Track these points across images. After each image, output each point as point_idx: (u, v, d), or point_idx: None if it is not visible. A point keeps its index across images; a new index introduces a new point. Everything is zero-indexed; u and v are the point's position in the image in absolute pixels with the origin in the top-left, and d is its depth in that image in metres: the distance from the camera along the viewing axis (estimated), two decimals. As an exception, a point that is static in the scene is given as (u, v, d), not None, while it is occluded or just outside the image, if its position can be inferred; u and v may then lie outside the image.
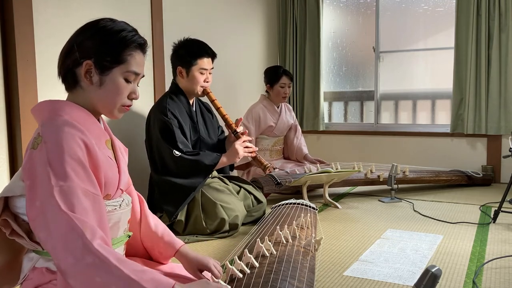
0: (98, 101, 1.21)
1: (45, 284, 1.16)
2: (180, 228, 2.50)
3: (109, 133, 1.30)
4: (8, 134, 2.15)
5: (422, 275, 1.26)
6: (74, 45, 1.19)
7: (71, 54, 1.19)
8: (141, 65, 1.24)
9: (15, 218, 1.17)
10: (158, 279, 1.00)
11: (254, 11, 4.31)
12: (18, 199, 1.16)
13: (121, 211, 1.27)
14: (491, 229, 2.53)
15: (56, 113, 1.16)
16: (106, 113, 1.24)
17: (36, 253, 1.19)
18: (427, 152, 4.20)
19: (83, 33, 1.20)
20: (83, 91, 1.21)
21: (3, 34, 2.12)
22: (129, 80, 1.22)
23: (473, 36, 3.84)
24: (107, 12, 2.62)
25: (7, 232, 1.17)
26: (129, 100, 1.24)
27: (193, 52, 2.58)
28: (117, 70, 1.19)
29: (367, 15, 4.51)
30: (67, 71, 1.21)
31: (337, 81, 4.74)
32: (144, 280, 0.97)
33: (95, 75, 1.18)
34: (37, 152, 1.08)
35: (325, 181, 3.16)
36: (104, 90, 1.19)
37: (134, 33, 1.22)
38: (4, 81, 2.13)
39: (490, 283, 1.81)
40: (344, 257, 2.12)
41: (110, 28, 1.19)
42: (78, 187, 1.06)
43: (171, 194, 2.48)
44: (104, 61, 1.17)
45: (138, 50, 1.22)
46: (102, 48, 1.17)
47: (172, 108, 2.53)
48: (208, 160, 2.48)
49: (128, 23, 1.25)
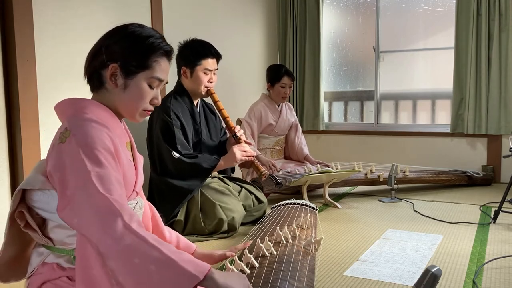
0: (121, 104, 1.23)
1: (54, 280, 1.18)
2: (179, 228, 2.50)
3: (129, 136, 1.33)
4: (8, 134, 2.15)
5: (422, 275, 1.26)
6: (102, 48, 1.21)
7: (98, 56, 1.21)
8: (165, 71, 1.26)
9: (29, 211, 1.19)
10: (196, 261, 1.00)
11: (254, 11, 4.31)
12: (35, 192, 1.18)
13: None
14: (491, 229, 2.53)
15: (81, 111, 1.18)
16: (127, 116, 1.27)
17: (47, 248, 1.20)
18: (427, 152, 4.20)
19: (112, 37, 1.23)
20: (108, 92, 1.23)
21: (3, 34, 2.12)
22: (153, 86, 1.24)
23: (473, 36, 3.84)
24: (107, 12, 2.62)
25: (21, 225, 1.19)
26: (151, 105, 1.27)
27: (197, 53, 2.59)
28: (142, 75, 1.22)
29: (367, 15, 4.51)
30: (93, 72, 1.23)
31: (337, 81, 4.74)
32: (182, 260, 0.98)
33: (120, 78, 1.21)
34: (66, 145, 1.10)
35: (325, 181, 3.16)
36: (127, 93, 1.22)
37: (161, 40, 1.25)
38: (4, 81, 2.13)
39: (490, 283, 1.81)
40: (344, 257, 2.12)
41: (138, 34, 1.22)
42: (112, 175, 1.08)
43: (168, 195, 2.49)
44: (130, 65, 1.20)
45: (164, 57, 1.25)
46: (129, 52, 1.20)
47: (175, 108, 2.53)
48: (206, 163, 2.49)
49: (156, 30, 1.27)
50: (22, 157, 2.14)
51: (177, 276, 0.96)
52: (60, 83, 2.35)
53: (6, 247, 1.22)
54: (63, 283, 1.16)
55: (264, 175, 2.55)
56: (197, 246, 1.47)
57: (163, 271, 0.96)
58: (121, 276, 0.97)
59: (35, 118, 2.19)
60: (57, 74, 2.34)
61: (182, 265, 0.97)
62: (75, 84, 2.37)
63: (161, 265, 0.97)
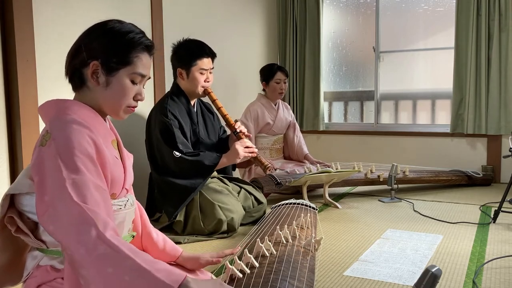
0: (104, 102, 1.22)
1: (49, 282, 1.17)
2: (179, 228, 2.50)
3: (115, 133, 1.31)
4: (8, 134, 2.15)
5: (422, 275, 1.26)
6: (81, 46, 1.20)
7: (78, 55, 1.20)
8: (147, 67, 1.25)
9: (20, 216, 1.18)
10: (170, 270, 1.00)
11: (254, 11, 4.31)
12: (24, 197, 1.17)
13: (125, 211, 1.28)
14: (491, 229, 2.53)
15: (63, 112, 1.17)
16: (111, 114, 1.25)
17: (40, 251, 1.19)
18: (427, 152, 4.20)
19: (91, 34, 1.21)
20: (90, 91, 1.22)
21: (3, 34, 2.12)
22: (135, 81, 1.23)
23: (473, 36, 3.84)
24: (107, 12, 2.62)
25: (12, 230, 1.18)
26: (135, 101, 1.25)
27: (192, 53, 2.58)
28: (124, 72, 1.20)
29: (367, 15, 4.51)
30: (74, 71, 1.22)
31: (337, 81, 4.74)
32: (156, 269, 0.97)
33: (102, 75, 1.19)
34: (46, 149, 1.09)
35: (325, 181, 3.16)
36: (110, 90, 1.21)
37: (142, 35, 1.24)
38: (4, 81, 2.13)
39: (490, 283, 1.81)
40: (344, 257, 2.12)
41: (117, 30, 1.21)
42: (90, 180, 1.07)
43: (171, 195, 2.48)
44: (111, 62, 1.19)
45: (145, 52, 1.23)
46: (109, 49, 1.19)
47: (172, 108, 2.53)
48: (208, 161, 2.48)
49: (135, 25, 1.26)
50: (22, 157, 2.14)
51: (150, 286, 0.95)
52: (60, 83, 2.35)
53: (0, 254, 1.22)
54: (58, 284, 1.16)
55: (269, 168, 2.55)
56: (183, 250, 1.44)
57: (136, 281, 0.96)
58: (94, 285, 0.97)
59: (35, 118, 2.19)
60: (57, 74, 2.34)
61: (156, 275, 0.96)
62: (75, 84, 2.38)
63: (134, 275, 0.96)
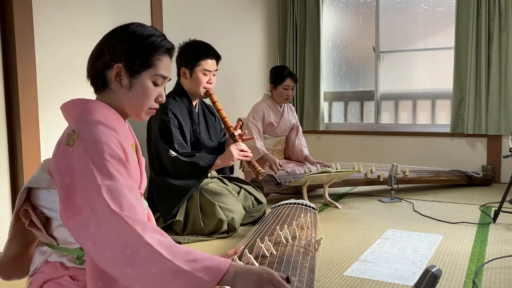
0: (126, 103, 1.24)
1: (56, 279, 1.18)
2: (179, 228, 2.50)
3: (134, 137, 1.33)
4: (8, 134, 2.15)
5: (422, 275, 1.26)
6: (104, 49, 1.21)
7: (101, 57, 1.21)
8: (168, 69, 1.27)
9: (34, 210, 1.19)
10: (209, 267, 1.00)
11: (254, 11, 4.31)
12: (41, 191, 1.18)
13: None
14: (491, 229, 2.53)
15: (88, 112, 1.17)
16: (133, 115, 1.27)
17: (50, 247, 1.20)
18: (427, 152, 4.20)
19: (113, 37, 1.23)
20: (113, 93, 1.23)
21: (3, 35, 2.12)
22: (157, 83, 1.25)
23: (473, 36, 3.84)
24: (107, 12, 2.62)
25: (26, 223, 1.19)
26: (156, 103, 1.27)
27: (197, 53, 2.59)
28: (146, 74, 1.22)
29: (367, 15, 4.51)
30: (97, 73, 1.23)
31: (337, 81, 4.74)
32: (196, 269, 0.99)
33: (125, 78, 1.21)
34: (75, 149, 1.09)
35: (325, 181, 3.16)
36: (133, 92, 1.22)
37: (163, 38, 1.26)
38: (4, 81, 2.13)
39: (490, 283, 1.81)
40: (344, 257, 2.12)
41: (140, 33, 1.23)
42: (123, 185, 1.07)
43: (166, 195, 2.49)
44: (134, 65, 1.20)
45: (166, 55, 1.26)
46: (132, 52, 1.20)
47: (173, 108, 2.53)
48: (202, 162, 2.49)
49: (156, 28, 1.29)
50: (22, 157, 2.14)
51: (191, 284, 0.98)
52: (60, 83, 2.35)
53: (9, 245, 1.23)
54: (65, 282, 1.16)
55: (261, 174, 2.55)
56: None
57: (178, 281, 0.98)
58: (139, 284, 0.99)
59: (35, 118, 2.19)
60: (57, 74, 2.34)
61: (196, 275, 0.98)
62: (75, 84, 2.38)
63: (176, 278, 0.98)
